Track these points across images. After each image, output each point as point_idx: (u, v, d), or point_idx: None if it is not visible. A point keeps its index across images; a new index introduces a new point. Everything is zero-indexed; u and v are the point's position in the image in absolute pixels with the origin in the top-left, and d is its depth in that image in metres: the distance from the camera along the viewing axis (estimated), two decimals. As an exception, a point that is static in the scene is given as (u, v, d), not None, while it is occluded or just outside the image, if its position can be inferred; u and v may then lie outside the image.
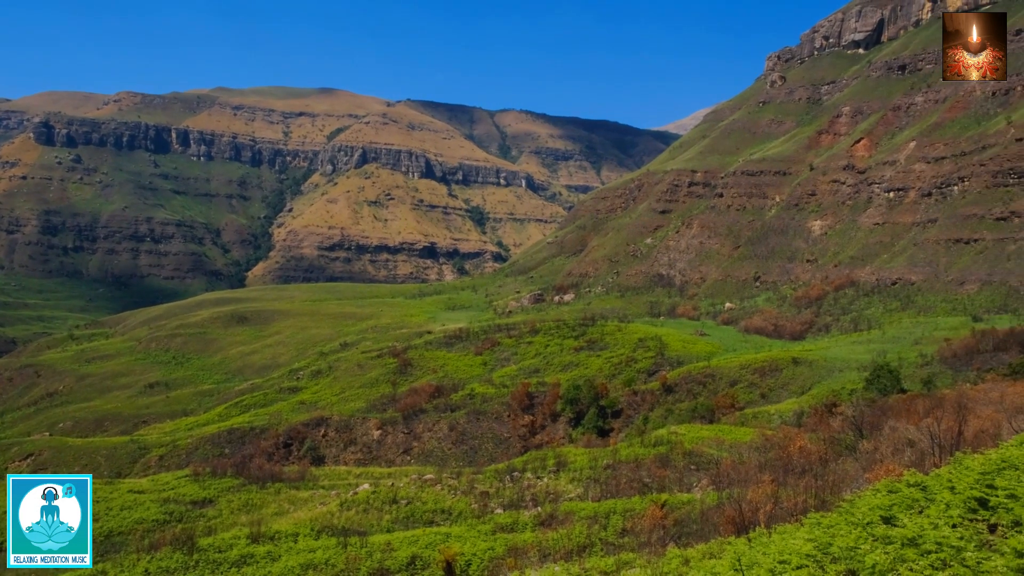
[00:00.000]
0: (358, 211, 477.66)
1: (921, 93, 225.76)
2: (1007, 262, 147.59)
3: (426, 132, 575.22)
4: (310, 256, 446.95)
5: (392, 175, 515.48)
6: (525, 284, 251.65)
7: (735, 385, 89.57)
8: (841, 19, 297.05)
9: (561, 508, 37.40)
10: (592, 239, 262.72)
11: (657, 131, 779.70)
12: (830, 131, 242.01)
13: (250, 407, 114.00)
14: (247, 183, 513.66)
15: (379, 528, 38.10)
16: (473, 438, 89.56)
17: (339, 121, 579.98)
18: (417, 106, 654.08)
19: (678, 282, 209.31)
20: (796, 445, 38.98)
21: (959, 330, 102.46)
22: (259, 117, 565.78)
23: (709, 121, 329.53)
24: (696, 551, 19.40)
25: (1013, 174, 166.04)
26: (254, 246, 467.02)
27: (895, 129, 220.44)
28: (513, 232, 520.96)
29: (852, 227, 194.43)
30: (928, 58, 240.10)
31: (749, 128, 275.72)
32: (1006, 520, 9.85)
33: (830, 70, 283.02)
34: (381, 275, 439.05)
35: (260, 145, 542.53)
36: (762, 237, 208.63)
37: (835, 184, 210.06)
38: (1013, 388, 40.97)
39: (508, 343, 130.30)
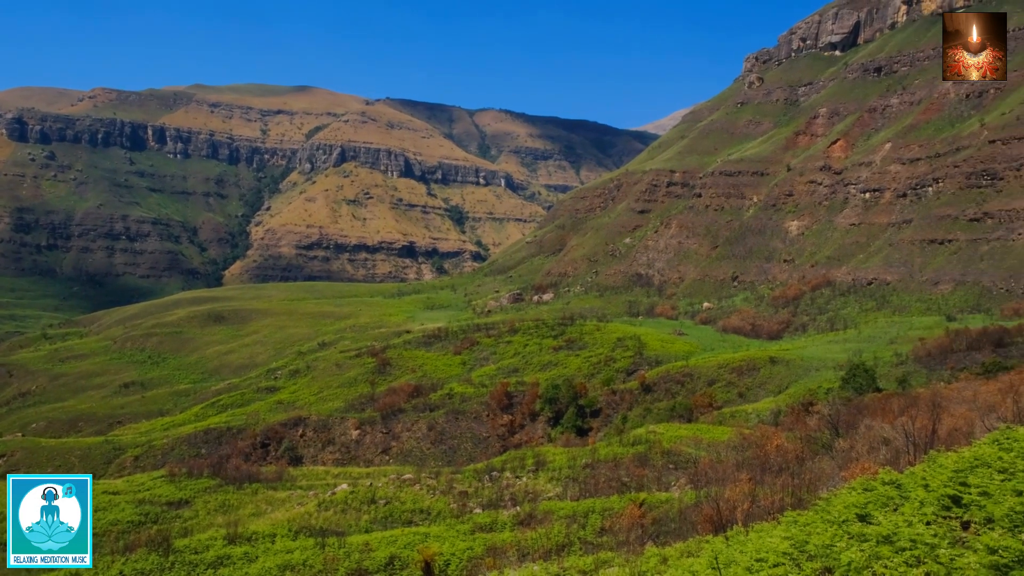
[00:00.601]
0: (337, 210, 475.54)
1: (896, 95, 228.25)
2: (980, 262, 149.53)
3: (405, 131, 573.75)
4: (288, 255, 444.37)
5: (371, 174, 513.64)
6: (504, 284, 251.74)
7: (713, 384, 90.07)
8: (818, 21, 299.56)
9: (540, 507, 37.42)
10: (571, 239, 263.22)
11: (636, 131, 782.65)
12: (807, 132, 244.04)
13: (227, 407, 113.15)
14: (224, 181, 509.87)
15: (357, 528, 37.92)
16: (452, 438, 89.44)
17: (317, 119, 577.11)
18: (396, 105, 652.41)
19: (657, 282, 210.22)
20: (773, 444, 39.25)
21: (933, 330, 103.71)
22: (237, 115, 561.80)
23: (688, 121, 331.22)
24: (674, 550, 19.48)
25: (986, 176, 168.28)
26: (231, 245, 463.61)
27: (871, 130, 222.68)
28: (492, 231, 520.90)
29: (829, 227, 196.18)
30: (903, 60, 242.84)
31: (727, 128, 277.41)
32: (979, 517, 9.97)
33: (807, 71, 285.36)
34: (360, 274, 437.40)
35: (238, 143, 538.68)
36: (740, 237, 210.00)
37: (812, 185, 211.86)
38: (986, 387, 41.53)
39: (487, 343, 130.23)
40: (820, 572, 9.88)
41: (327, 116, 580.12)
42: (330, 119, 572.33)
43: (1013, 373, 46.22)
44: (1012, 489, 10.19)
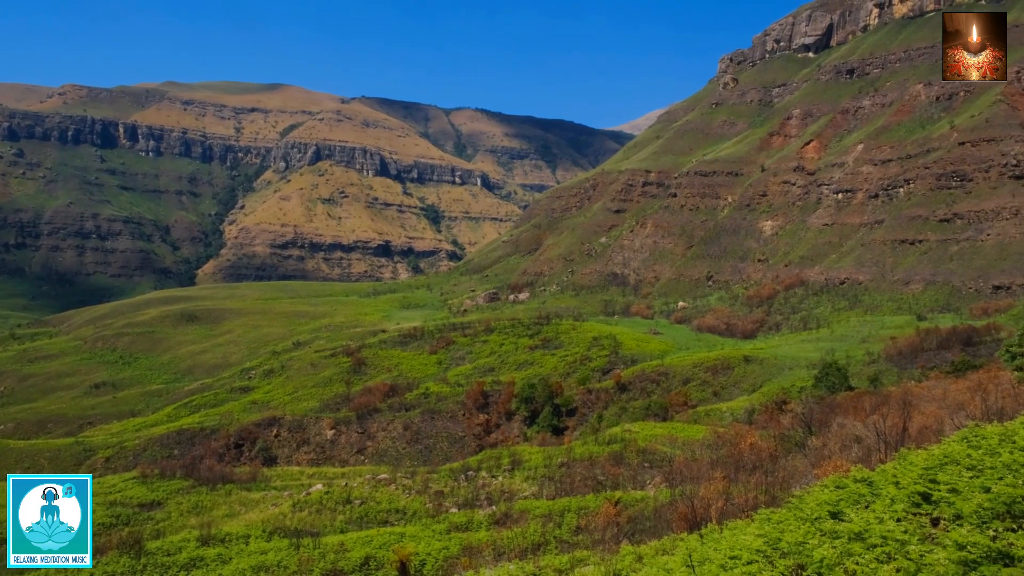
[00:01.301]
0: (311, 209, 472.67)
1: (868, 97, 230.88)
2: (950, 262, 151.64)
3: (381, 130, 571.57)
4: (262, 254, 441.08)
5: (346, 173, 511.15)
6: (480, 283, 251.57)
7: (688, 383, 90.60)
8: (792, 23, 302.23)
9: (516, 507, 37.45)
10: (547, 238, 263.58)
11: (612, 131, 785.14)
12: (781, 133, 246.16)
13: (200, 407, 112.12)
14: (197, 179, 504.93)
15: (332, 529, 37.74)
16: (428, 437, 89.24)
17: (292, 118, 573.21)
18: (372, 103, 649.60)
19: (632, 281, 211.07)
20: (747, 442, 39.53)
21: (904, 329, 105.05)
22: (210, 112, 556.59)
23: (663, 122, 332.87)
24: (649, 548, 19.56)
25: (956, 177, 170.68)
26: (204, 244, 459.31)
27: (843, 132, 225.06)
28: (468, 231, 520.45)
29: (802, 227, 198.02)
30: (875, 63, 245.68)
31: (702, 129, 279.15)
32: (948, 514, 10.11)
33: (781, 73, 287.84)
34: (335, 273, 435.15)
35: (211, 141, 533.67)
36: (715, 237, 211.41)
37: (786, 185, 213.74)
38: (955, 385, 42.11)
39: (463, 342, 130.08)
40: (793, 569, 9.97)
41: (302, 114, 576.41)
42: (305, 117, 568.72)
43: (982, 372, 46.91)
44: (980, 486, 10.35)
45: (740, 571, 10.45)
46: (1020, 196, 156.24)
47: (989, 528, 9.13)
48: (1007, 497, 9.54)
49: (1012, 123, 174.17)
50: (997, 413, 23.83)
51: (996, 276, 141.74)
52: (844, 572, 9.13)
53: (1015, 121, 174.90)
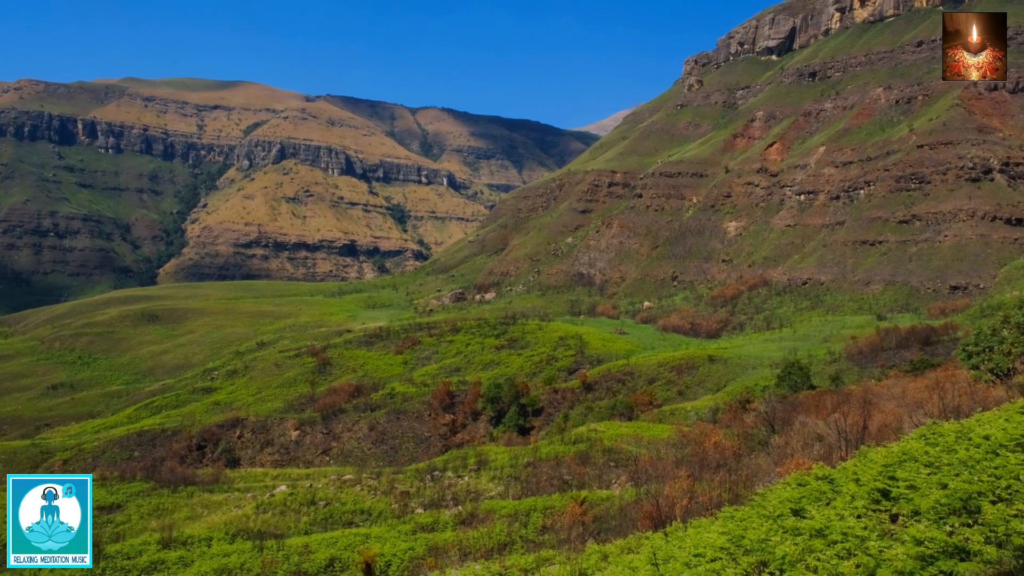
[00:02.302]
0: (276, 208, 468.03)
1: (830, 100, 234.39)
2: (909, 263, 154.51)
3: (346, 128, 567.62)
4: (225, 253, 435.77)
5: (311, 171, 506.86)
6: (446, 283, 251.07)
7: (653, 383, 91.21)
8: (755, 26, 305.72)
9: (482, 507, 37.43)
10: (513, 238, 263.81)
11: (578, 131, 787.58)
12: (745, 135, 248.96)
13: (161, 408, 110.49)
14: (159, 177, 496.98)
15: (297, 530, 37.42)
16: (393, 437, 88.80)
17: (256, 115, 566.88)
18: (337, 102, 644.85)
19: (598, 281, 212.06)
20: (711, 441, 39.91)
21: (865, 328, 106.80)
22: (172, 109, 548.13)
23: (629, 122, 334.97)
24: (615, 546, 19.66)
25: (915, 179, 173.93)
26: (166, 242, 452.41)
27: (806, 134, 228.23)
28: (434, 230, 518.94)
29: (765, 228, 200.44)
30: (837, 66, 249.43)
31: (667, 130, 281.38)
32: (906, 510, 10.29)
33: (745, 75, 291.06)
34: (300, 273, 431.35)
35: (173, 138, 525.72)
36: (680, 237, 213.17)
37: (749, 186, 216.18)
38: (914, 384, 42.85)
39: (429, 342, 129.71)
40: (756, 566, 10.08)
41: (266, 112, 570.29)
42: (269, 115, 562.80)
43: (939, 370, 47.81)
44: (938, 482, 10.54)
45: (704, 569, 10.54)
46: (976, 198, 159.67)
47: (946, 523, 9.30)
48: (963, 493, 9.73)
49: (968, 127, 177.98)
50: (954, 411, 24.30)
51: (953, 277, 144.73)
52: (806, 568, 9.25)
53: (971, 125, 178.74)
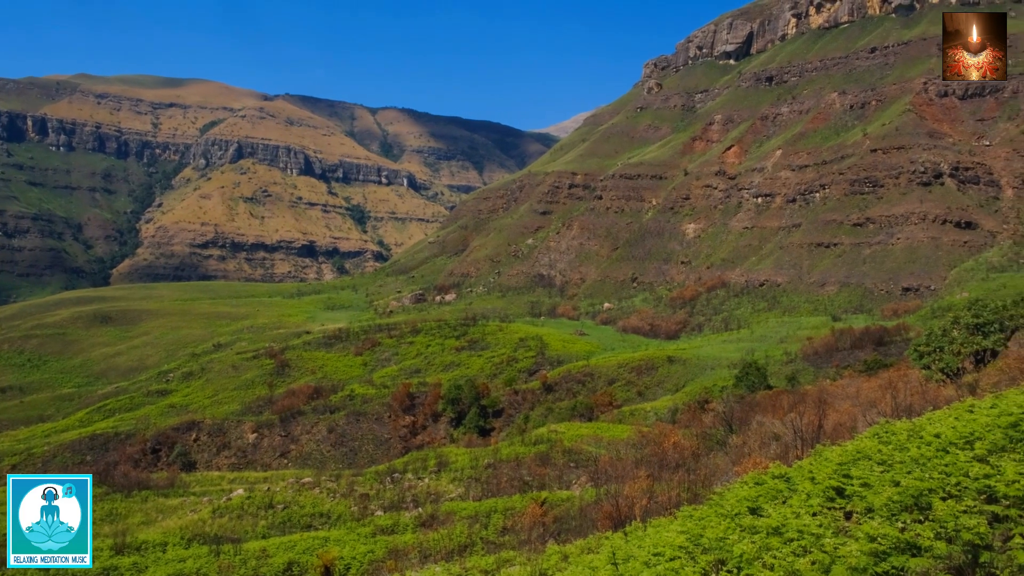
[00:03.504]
0: (233, 207, 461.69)
1: (786, 104, 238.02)
2: (863, 265, 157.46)
3: (305, 128, 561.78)
4: (181, 253, 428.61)
5: (269, 171, 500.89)
6: (406, 284, 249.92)
7: (613, 383, 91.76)
8: (713, 31, 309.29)
9: (442, 508, 37.32)
10: (474, 239, 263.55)
11: (539, 133, 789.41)
12: (703, 138, 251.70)
13: (115, 411, 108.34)
14: (112, 176, 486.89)
15: (254, 535, 36.96)
16: (353, 440, 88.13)
17: (213, 114, 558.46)
18: (296, 101, 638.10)
19: (558, 282, 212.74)
20: (671, 441, 40.24)
21: (820, 329, 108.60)
22: (126, 106, 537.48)
23: (589, 124, 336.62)
24: (575, 547, 19.72)
25: (868, 183, 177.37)
26: (120, 242, 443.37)
27: (763, 137, 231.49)
28: (394, 231, 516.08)
29: (723, 230, 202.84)
30: (793, 71, 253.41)
31: (627, 133, 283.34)
32: (860, 507, 10.47)
33: (703, 79, 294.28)
34: (258, 274, 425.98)
35: (127, 136, 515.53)
36: (639, 239, 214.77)
37: (708, 189, 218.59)
38: (868, 383, 43.60)
39: (389, 343, 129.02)
40: (714, 564, 10.17)
41: (223, 111, 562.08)
42: (226, 114, 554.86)
43: (892, 370, 48.74)
44: (890, 480, 10.74)
45: (663, 568, 10.61)
46: (927, 202, 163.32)
47: (898, 520, 9.48)
48: (915, 490, 9.93)
49: (920, 132, 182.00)
50: (906, 410, 24.79)
51: (905, 278, 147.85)
52: (762, 566, 9.36)
53: (922, 130, 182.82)
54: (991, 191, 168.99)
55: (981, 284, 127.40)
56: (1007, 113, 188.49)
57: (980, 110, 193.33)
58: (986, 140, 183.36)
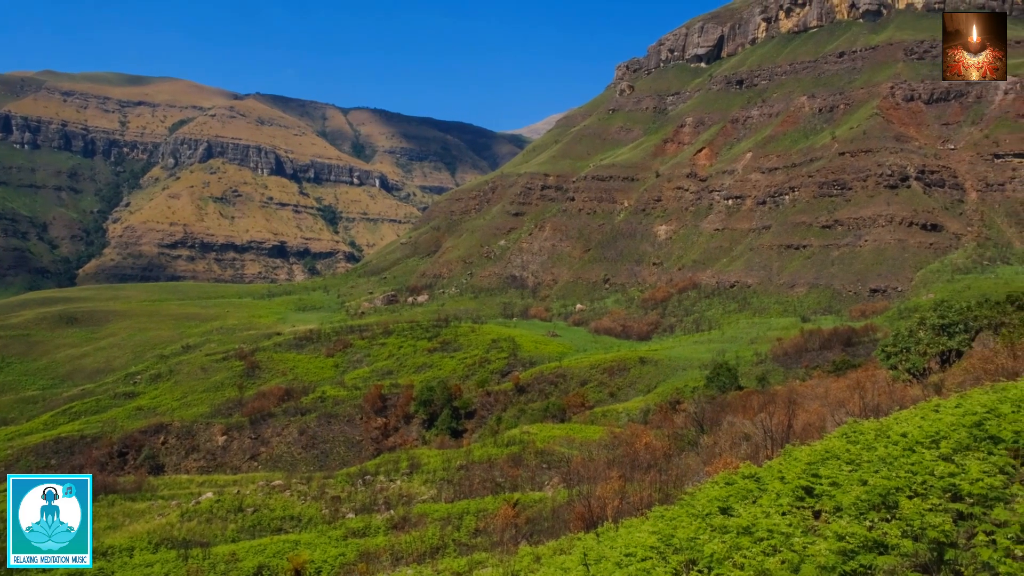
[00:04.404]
0: (203, 207, 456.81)
1: (756, 107, 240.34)
2: (831, 267, 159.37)
3: (276, 128, 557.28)
4: (149, 254, 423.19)
5: (240, 171, 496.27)
6: (378, 285, 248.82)
7: (585, 384, 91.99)
8: (685, 34, 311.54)
9: (414, 510, 37.18)
10: (446, 240, 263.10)
11: (511, 134, 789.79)
12: (675, 140, 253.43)
13: (80, 414, 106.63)
14: (78, 175, 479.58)
15: (223, 538, 36.57)
16: (324, 442, 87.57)
17: (182, 112, 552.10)
18: (267, 100, 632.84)
19: (531, 284, 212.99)
20: (642, 442, 40.38)
21: (790, 330, 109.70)
22: (93, 104, 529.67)
23: (562, 126, 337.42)
24: (547, 548, 19.73)
25: (837, 185, 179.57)
26: (86, 242, 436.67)
27: (733, 140, 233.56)
28: (366, 232, 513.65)
29: (695, 232, 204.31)
30: (763, 74, 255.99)
31: (599, 134, 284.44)
32: (829, 506, 10.58)
33: (675, 82, 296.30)
34: (227, 275, 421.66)
35: (94, 134, 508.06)
36: (611, 240, 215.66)
37: (679, 191, 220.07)
38: (836, 384, 44.06)
39: (361, 344, 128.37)
40: (685, 564, 10.22)
41: (192, 109, 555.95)
42: (196, 113, 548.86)
43: (860, 371, 49.30)
44: (858, 479, 10.86)
45: (635, 568, 10.64)
46: (894, 204, 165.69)
47: (866, 519, 9.58)
48: (882, 489, 10.05)
49: (887, 135, 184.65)
50: (874, 409, 25.09)
51: (873, 280, 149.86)
52: (733, 566, 9.42)
53: (889, 134, 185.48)
54: (956, 194, 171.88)
55: (946, 285, 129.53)
56: (971, 118, 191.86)
57: (945, 114, 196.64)
58: (951, 144, 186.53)
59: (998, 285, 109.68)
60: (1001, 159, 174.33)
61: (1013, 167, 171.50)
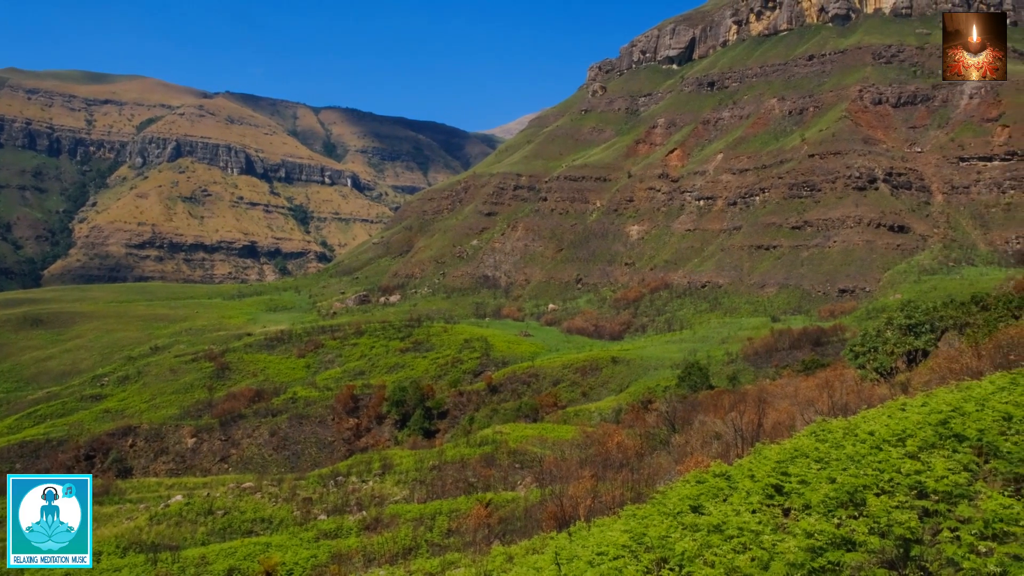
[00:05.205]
0: (171, 207, 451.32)
1: (727, 109, 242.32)
2: (801, 267, 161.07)
3: (246, 127, 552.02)
4: (117, 254, 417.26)
5: (209, 170, 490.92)
6: (350, 285, 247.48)
7: (558, 384, 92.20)
8: (657, 35, 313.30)
9: (387, 511, 37.04)
10: (418, 240, 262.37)
11: (484, 134, 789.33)
12: (647, 141, 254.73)
13: (46, 417, 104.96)
14: (43, 174, 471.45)
15: (193, 542, 36.18)
16: (295, 443, 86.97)
17: (150, 111, 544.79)
18: (237, 99, 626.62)
19: (503, 283, 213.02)
20: (614, 441, 40.55)
21: (760, 330, 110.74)
22: (58, 102, 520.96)
23: (534, 126, 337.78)
24: (520, 548, 19.75)
25: (806, 187, 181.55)
26: (52, 243, 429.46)
27: (705, 141, 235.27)
28: (338, 232, 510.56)
29: (666, 232, 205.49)
30: (734, 76, 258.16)
31: (572, 135, 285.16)
32: (798, 504, 10.70)
33: (647, 83, 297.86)
34: (197, 275, 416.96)
35: (59, 133, 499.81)
36: (584, 240, 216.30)
37: (651, 191, 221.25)
38: (805, 383, 44.50)
39: (332, 345, 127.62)
40: (656, 562, 10.29)
41: (161, 108, 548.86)
42: (164, 111, 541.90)
43: (829, 370, 49.85)
44: (827, 477, 11.00)
45: (606, 567, 10.69)
46: (863, 206, 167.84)
47: (834, 516, 9.71)
48: (850, 487, 10.18)
49: (855, 138, 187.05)
50: (842, 408, 25.39)
51: (842, 280, 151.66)
52: (704, 563, 9.49)
53: (858, 136, 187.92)
54: (922, 196, 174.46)
55: (913, 286, 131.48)
56: (937, 121, 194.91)
57: (912, 118, 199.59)
58: (918, 147, 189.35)
59: (963, 286, 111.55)
60: (966, 162, 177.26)
61: (978, 170, 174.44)
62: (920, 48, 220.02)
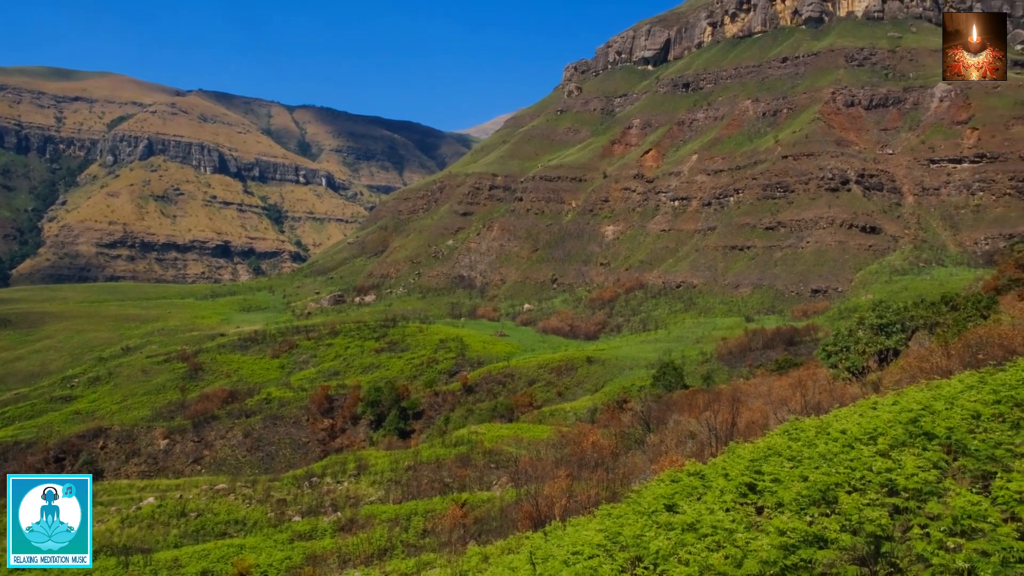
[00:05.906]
0: (143, 206, 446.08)
1: (702, 110, 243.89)
2: (774, 267, 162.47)
3: (220, 125, 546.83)
4: (87, 254, 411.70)
5: (182, 169, 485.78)
6: (325, 285, 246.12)
7: (533, 384, 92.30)
8: (632, 36, 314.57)
9: (362, 512, 36.89)
10: (394, 240, 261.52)
11: (460, 134, 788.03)
12: (622, 141, 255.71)
13: (14, 419, 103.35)
14: (11, 172, 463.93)
15: (166, 544, 35.84)
16: (270, 444, 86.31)
17: (122, 109, 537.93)
18: (210, 97, 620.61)
19: (479, 283, 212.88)
20: (590, 440, 40.65)
21: (734, 330, 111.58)
22: (27, 99, 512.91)
23: (510, 126, 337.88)
24: (495, 548, 19.75)
25: (780, 188, 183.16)
26: (20, 242, 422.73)
27: (680, 142, 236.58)
28: (313, 232, 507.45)
29: (642, 233, 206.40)
30: (708, 78, 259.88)
31: (548, 135, 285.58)
32: (771, 502, 10.79)
33: (622, 83, 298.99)
34: (169, 275, 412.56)
35: (28, 130, 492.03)
36: (559, 241, 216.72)
37: (626, 192, 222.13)
38: (779, 382, 44.85)
39: (307, 345, 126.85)
40: (631, 561, 10.33)
41: (132, 105, 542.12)
42: (136, 109, 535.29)
43: (802, 369, 50.28)
44: (799, 475, 11.10)
45: (582, 566, 10.72)
46: (835, 207, 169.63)
47: (806, 514, 9.80)
48: (822, 485, 10.29)
49: (828, 139, 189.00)
50: (815, 407, 25.63)
51: (815, 280, 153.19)
52: (678, 562, 9.55)
53: (830, 138, 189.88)
54: (894, 197, 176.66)
55: (884, 286, 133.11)
56: (908, 123, 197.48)
57: (884, 120, 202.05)
58: (889, 149, 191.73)
59: (933, 286, 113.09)
60: (936, 164, 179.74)
61: (948, 172, 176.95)
62: (892, 51, 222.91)
